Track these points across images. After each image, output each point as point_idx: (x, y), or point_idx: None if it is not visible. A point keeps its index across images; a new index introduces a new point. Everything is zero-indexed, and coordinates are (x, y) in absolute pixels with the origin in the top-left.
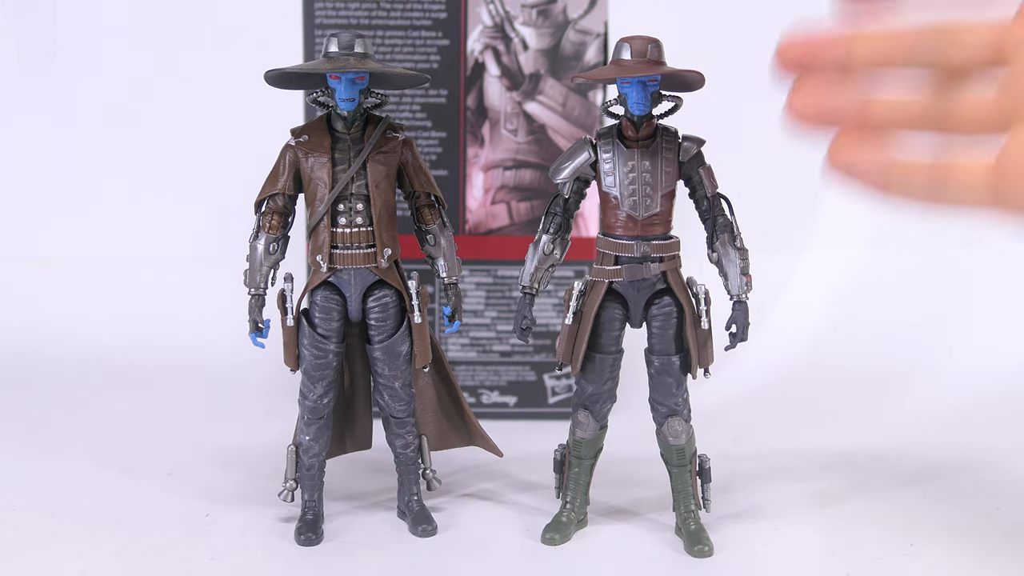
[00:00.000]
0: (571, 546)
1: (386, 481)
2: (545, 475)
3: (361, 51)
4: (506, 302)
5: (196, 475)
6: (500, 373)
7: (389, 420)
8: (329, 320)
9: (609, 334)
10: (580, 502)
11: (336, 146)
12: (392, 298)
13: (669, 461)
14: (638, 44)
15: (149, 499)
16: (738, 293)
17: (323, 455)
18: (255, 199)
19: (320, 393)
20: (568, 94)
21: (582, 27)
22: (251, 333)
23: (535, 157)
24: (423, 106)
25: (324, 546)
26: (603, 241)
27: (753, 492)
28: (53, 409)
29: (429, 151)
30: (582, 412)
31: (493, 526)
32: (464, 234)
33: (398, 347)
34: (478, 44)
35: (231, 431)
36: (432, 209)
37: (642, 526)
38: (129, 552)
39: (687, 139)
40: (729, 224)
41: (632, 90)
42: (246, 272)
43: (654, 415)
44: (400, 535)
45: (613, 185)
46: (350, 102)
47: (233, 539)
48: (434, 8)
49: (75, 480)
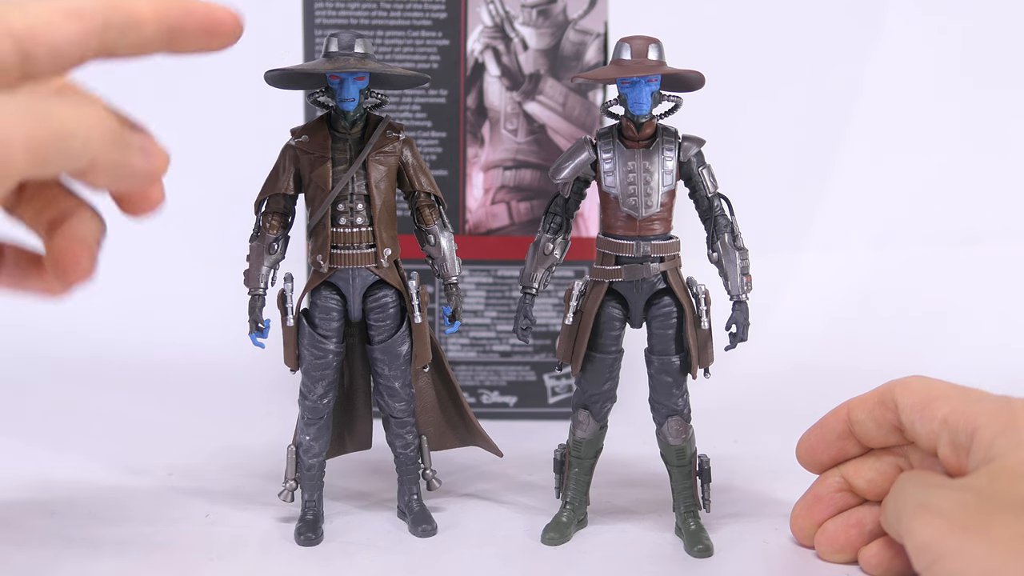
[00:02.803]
0: (571, 546)
1: (386, 481)
2: (545, 475)
3: (361, 51)
4: (506, 302)
5: (196, 475)
6: (500, 373)
7: (389, 420)
8: (329, 320)
9: (609, 334)
10: (580, 502)
11: (336, 146)
12: (392, 298)
13: (669, 461)
14: (638, 44)
15: (149, 499)
16: (738, 293)
17: (323, 455)
18: (255, 199)
19: (320, 393)
20: (568, 94)
21: (582, 27)
22: (251, 333)
23: (535, 157)
24: (423, 106)
25: (324, 546)
26: (603, 241)
27: (753, 492)
28: (53, 409)
29: (429, 151)
30: (582, 412)
31: (493, 526)
32: (464, 234)
33: (398, 347)
34: (478, 44)
35: (231, 431)
36: (432, 209)
37: (642, 526)
38: (129, 552)
39: (687, 139)
40: (729, 224)
41: (632, 90)
42: (246, 272)
43: (654, 415)
44: (400, 535)
45: (613, 185)
46: (350, 102)
47: (233, 539)
48: (434, 8)
49: (75, 480)
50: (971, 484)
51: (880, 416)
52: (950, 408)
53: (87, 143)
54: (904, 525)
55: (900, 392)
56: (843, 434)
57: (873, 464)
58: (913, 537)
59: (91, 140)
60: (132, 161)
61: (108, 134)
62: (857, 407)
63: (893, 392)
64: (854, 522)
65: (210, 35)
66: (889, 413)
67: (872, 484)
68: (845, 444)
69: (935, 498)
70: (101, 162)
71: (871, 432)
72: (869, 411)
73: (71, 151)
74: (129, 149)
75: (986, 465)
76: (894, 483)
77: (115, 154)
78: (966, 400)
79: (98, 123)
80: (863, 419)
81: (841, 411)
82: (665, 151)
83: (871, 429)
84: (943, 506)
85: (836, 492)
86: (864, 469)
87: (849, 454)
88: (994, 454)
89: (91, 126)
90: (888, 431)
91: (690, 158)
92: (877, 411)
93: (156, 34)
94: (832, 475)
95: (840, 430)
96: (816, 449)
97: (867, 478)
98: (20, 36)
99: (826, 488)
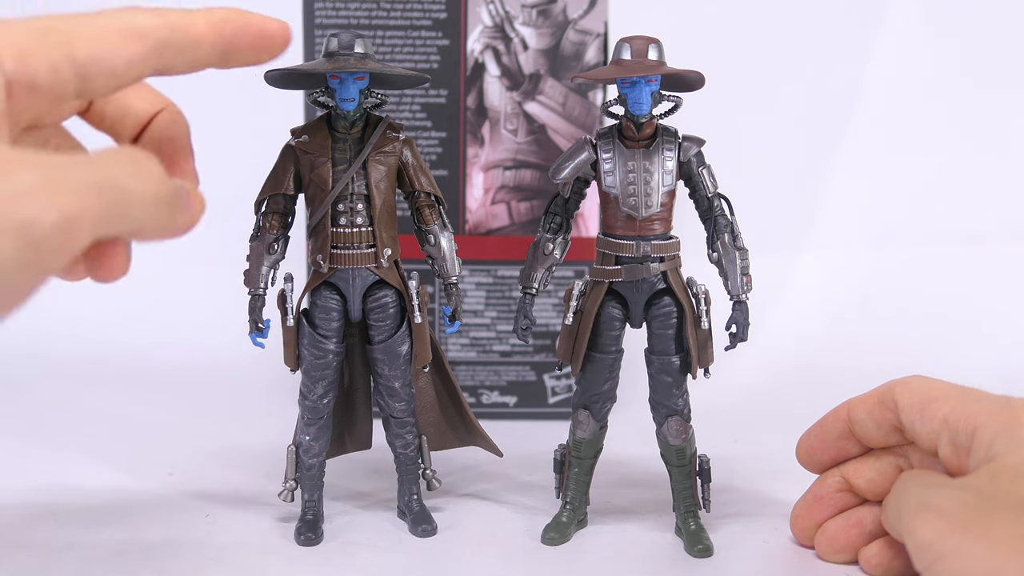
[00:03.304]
0: (571, 546)
1: (386, 481)
2: (545, 475)
3: (361, 51)
4: (506, 302)
5: (196, 475)
6: (500, 373)
7: (389, 420)
8: (329, 320)
9: (609, 334)
10: (580, 502)
11: (336, 146)
12: (392, 298)
13: (669, 461)
14: (638, 44)
15: (149, 499)
16: (738, 293)
17: (323, 455)
18: (255, 199)
19: (320, 393)
20: (568, 94)
21: (582, 27)
22: (251, 333)
23: (535, 157)
24: (423, 106)
25: (324, 546)
26: (603, 241)
27: (753, 492)
28: (53, 409)
29: (429, 151)
30: (582, 412)
31: (493, 526)
32: (464, 234)
33: (398, 347)
34: (478, 44)
35: (231, 431)
36: (432, 209)
37: (642, 526)
38: (129, 552)
39: (687, 139)
40: (729, 224)
41: (632, 90)
42: (246, 272)
43: (654, 415)
44: (400, 535)
45: (613, 185)
46: (350, 102)
47: (233, 539)
48: (434, 8)
49: (75, 480)
50: (972, 483)
51: (880, 416)
52: (950, 408)
53: (145, 211)
54: (905, 524)
55: (900, 392)
56: (843, 434)
57: (873, 464)
58: (914, 536)
59: (149, 208)
60: (178, 219)
61: (164, 200)
62: (857, 407)
63: (893, 392)
64: (854, 522)
65: (261, 49)
66: (889, 413)
67: (872, 484)
68: (845, 444)
69: (936, 497)
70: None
71: (871, 432)
72: (869, 411)
73: (131, 220)
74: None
75: (986, 464)
76: (896, 482)
77: (167, 217)
78: (966, 400)
79: (156, 190)
80: (863, 419)
81: (841, 411)
82: (665, 151)
83: (871, 429)
84: (944, 505)
85: (836, 492)
86: (864, 469)
87: (849, 454)
88: (994, 453)
89: (151, 193)
90: (888, 431)
91: (690, 158)
92: (877, 411)
93: (212, 50)
94: (832, 475)
95: (840, 430)
96: (816, 449)
97: (867, 478)
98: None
99: (826, 488)
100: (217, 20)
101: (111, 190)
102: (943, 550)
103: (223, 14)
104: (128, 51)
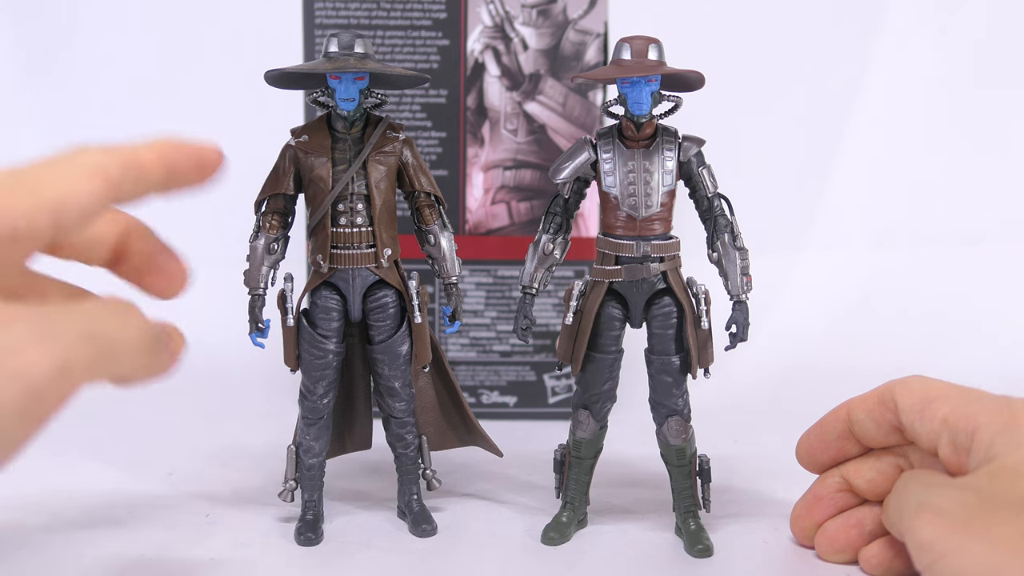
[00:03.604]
0: (571, 546)
1: (386, 481)
2: (545, 475)
3: (361, 51)
4: (506, 302)
5: (196, 475)
6: (500, 373)
7: (389, 420)
8: (329, 320)
9: (609, 334)
10: (580, 502)
11: (336, 146)
12: (392, 298)
13: (669, 461)
14: (638, 44)
15: (149, 499)
16: (738, 293)
17: (323, 455)
18: (255, 199)
19: (320, 393)
20: (568, 94)
21: (582, 27)
22: (251, 333)
23: (535, 157)
24: (423, 106)
25: (324, 546)
26: (603, 241)
27: (753, 492)
28: None
29: (429, 151)
30: (582, 412)
31: (493, 526)
32: (464, 234)
33: (398, 347)
34: (478, 44)
35: (231, 431)
36: (432, 209)
37: (642, 526)
38: (129, 552)
39: (687, 139)
40: (729, 224)
41: (632, 90)
42: (246, 272)
43: (654, 415)
44: (400, 535)
45: (613, 185)
46: (350, 102)
47: (233, 539)
48: (434, 8)
49: (75, 480)
50: (972, 483)
51: (880, 416)
52: (950, 408)
53: (131, 356)
54: (906, 524)
55: (900, 392)
56: (843, 434)
57: (873, 464)
58: (914, 536)
59: (134, 353)
60: (160, 359)
61: (147, 346)
62: (857, 407)
63: (893, 392)
64: (854, 522)
65: (200, 170)
66: (889, 413)
67: (872, 484)
68: (845, 444)
69: (936, 497)
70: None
71: (871, 432)
72: (869, 411)
73: (119, 366)
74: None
75: (986, 464)
76: (896, 482)
77: (150, 360)
78: (966, 400)
79: (140, 338)
80: (863, 419)
81: (841, 411)
82: (665, 151)
83: (871, 429)
84: (944, 505)
85: (836, 492)
86: (864, 469)
87: (849, 454)
88: (994, 453)
89: (135, 341)
90: (888, 431)
91: (690, 158)
92: (877, 411)
93: (160, 178)
94: (832, 475)
95: (840, 430)
96: (816, 449)
97: (867, 478)
98: (54, 207)
99: (826, 488)
100: (161, 150)
101: (100, 339)
102: (943, 549)
103: (164, 145)
104: (91, 186)
